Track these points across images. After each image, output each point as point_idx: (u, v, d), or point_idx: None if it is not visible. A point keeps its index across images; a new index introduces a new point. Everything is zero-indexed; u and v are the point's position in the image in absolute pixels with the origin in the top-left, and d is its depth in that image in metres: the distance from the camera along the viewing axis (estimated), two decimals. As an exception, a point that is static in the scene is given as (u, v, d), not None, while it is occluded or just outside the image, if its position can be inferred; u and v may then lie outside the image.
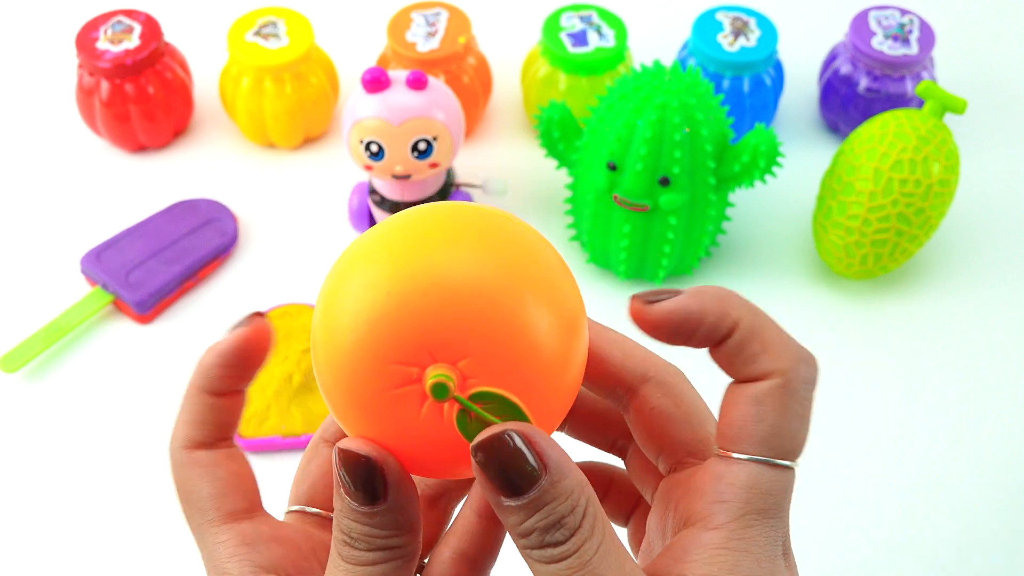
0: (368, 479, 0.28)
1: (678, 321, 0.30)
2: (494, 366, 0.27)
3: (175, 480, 0.33)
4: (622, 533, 0.37)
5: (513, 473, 0.27)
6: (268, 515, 0.33)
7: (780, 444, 0.30)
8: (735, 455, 0.30)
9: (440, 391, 0.27)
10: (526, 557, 0.28)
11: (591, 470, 0.37)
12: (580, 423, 0.36)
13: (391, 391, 0.28)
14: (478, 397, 0.27)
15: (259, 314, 0.33)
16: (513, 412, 0.28)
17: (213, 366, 0.34)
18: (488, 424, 0.27)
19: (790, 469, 0.30)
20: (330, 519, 0.35)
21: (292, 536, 0.33)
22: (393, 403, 0.28)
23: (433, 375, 0.27)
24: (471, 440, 0.27)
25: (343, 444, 0.28)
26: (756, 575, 0.29)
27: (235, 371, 0.33)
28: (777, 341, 0.30)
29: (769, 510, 0.29)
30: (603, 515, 0.28)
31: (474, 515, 0.35)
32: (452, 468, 0.29)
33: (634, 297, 0.31)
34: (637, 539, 0.37)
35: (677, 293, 0.30)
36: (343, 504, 0.29)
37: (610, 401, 0.34)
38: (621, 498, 0.37)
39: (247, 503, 0.33)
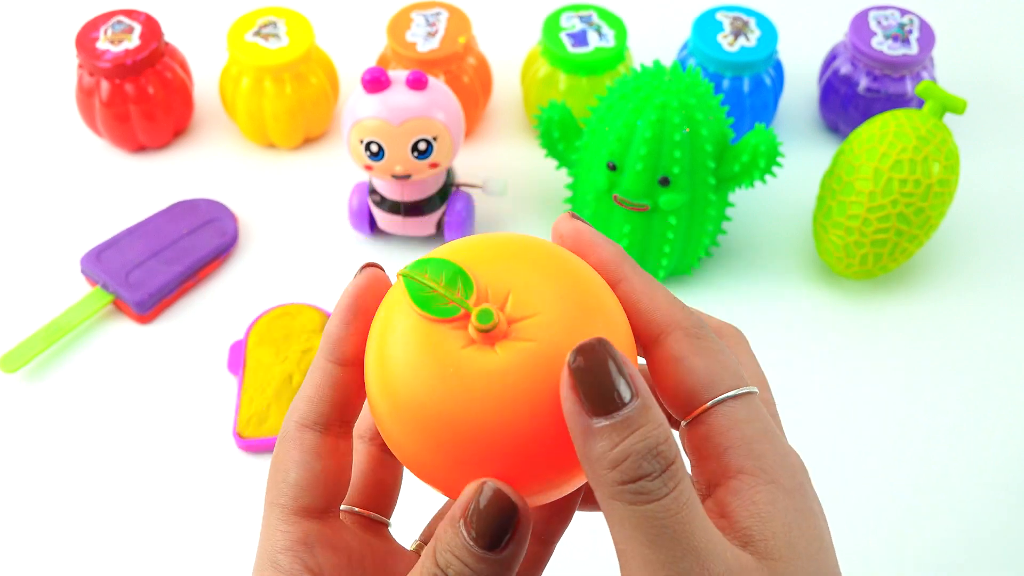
0: (502, 527, 0.27)
1: (579, 239, 0.32)
2: (540, 294, 0.29)
3: (275, 449, 0.32)
4: None
5: (606, 387, 0.26)
6: (338, 519, 0.32)
7: (724, 379, 0.30)
8: (699, 411, 0.30)
9: (485, 316, 0.28)
10: (612, 499, 0.26)
11: None
12: None
13: (442, 339, 0.28)
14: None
15: (371, 264, 0.32)
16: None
17: (336, 327, 0.32)
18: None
19: (753, 394, 0.30)
20: (382, 524, 0.34)
21: (350, 544, 0.32)
22: (437, 340, 0.28)
23: (482, 306, 0.28)
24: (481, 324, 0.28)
25: (496, 484, 0.27)
26: (793, 507, 0.29)
27: (355, 326, 0.32)
28: (665, 299, 0.31)
29: (767, 432, 0.30)
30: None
31: None
32: (487, 430, 0.28)
33: (568, 214, 0.33)
34: None
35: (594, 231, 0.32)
36: (455, 539, 0.27)
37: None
38: None
39: (325, 503, 0.32)
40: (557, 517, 0.36)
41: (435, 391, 0.28)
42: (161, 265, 0.67)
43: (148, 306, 0.66)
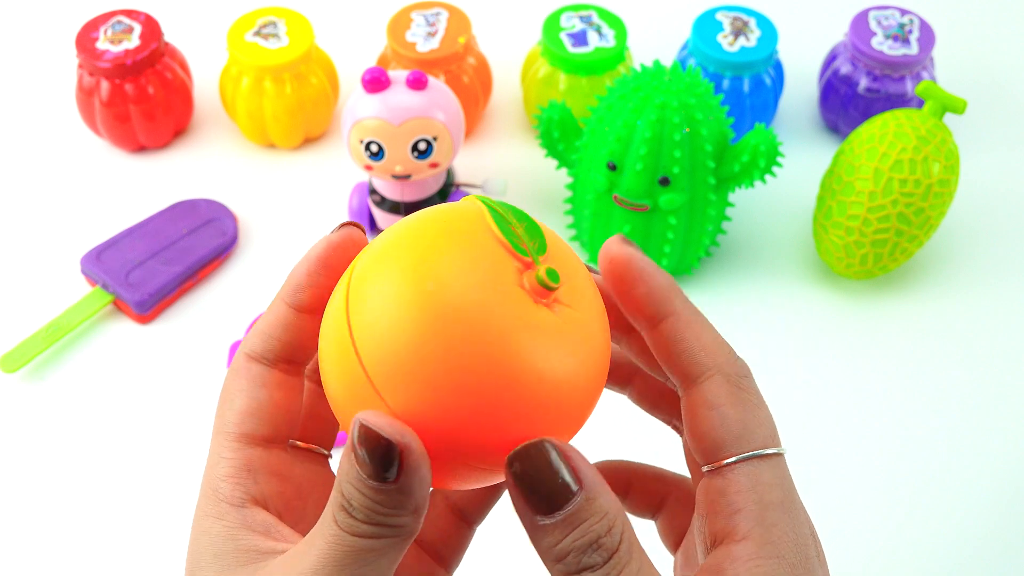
0: (385, 458, 0.27)
1: (629, 267, 0.31)
2: (582, 294, 0.30)
3: (224, 381, 0.32)
4: (650, 529, 0.37)
5: (548, 487, 0.26)
6: (284, 450, 0.32)
7: (755, 436, 0.30)
8: (725, 462, 0.30)
9: (552, 276, 0.28)
10: None
11: (609, 468, 0.37)
12: (648, 394, 0.36)
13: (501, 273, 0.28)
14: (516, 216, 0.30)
15: (352, 223, 0.32)
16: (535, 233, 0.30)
17: (300, 274, 0.32)
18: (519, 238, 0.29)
19: (780, 456, 0.30)
20: (323, 456, 0.34)
21: (299, 475, 0.32)
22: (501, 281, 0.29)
23: (547, 266, 0.29)
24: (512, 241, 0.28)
25: (366, 419, 0.27)
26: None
27: (320, 279, 0.32)
28: (712, 339, 0.31)
29: (783, 501, 0.29)
30: (638, 543, 0.27)
31: None
32: (554, 362, 0.28)
33: (619, 235, 0.32)
34: (668, 535, 0.37)
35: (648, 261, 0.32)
36: (351, 470, 0.27)
37: (671, 385, 0.34)
38: (645, 495, 0.37)
39: (270, 431, 0.32)
40: (479, 498, 0.36)
41: (503, 327, 0.27)
42: (161, 265, 0.67)
43: (148, 306, 0.66)
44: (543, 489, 0.26)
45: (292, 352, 0.32)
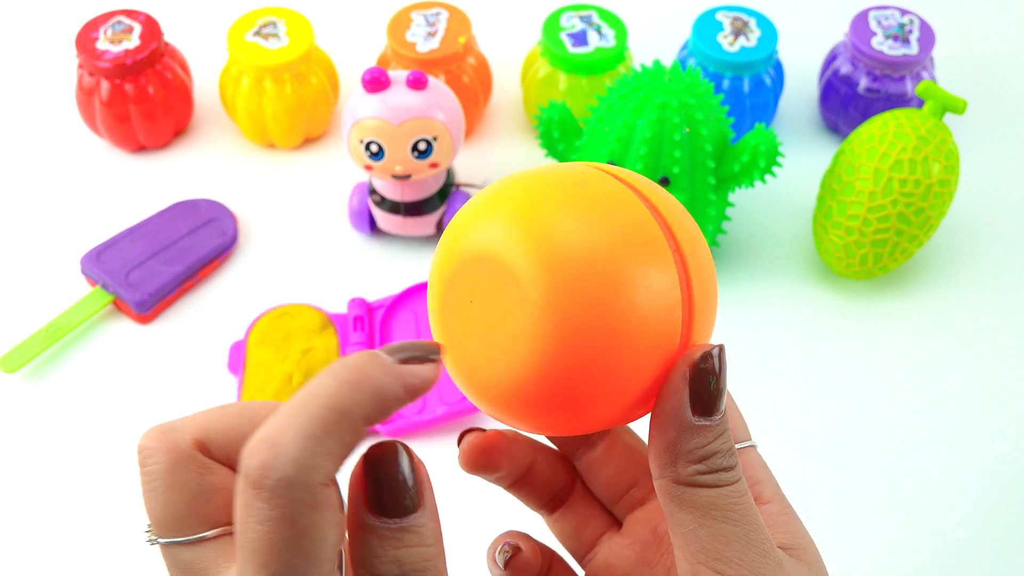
0: (408, 485, 0.27)
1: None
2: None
3: (302, 519, 0.26)
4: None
5: (714, 392, 0.29)
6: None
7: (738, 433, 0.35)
8: (737, 447, 0.34)
9: None
10: (693, 484, 0.30)
11: (515, 438, 0.37)
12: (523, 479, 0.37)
13: None
14: None
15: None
16: None
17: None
18: None
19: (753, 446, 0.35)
20: None
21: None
22: None
23: None
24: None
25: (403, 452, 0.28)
26: (802, 530, 0.33)
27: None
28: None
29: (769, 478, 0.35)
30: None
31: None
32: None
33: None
34: (575, 535, 0.38)
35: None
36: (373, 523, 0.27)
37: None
38: (544, 479, 0.38)
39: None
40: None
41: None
42: (161, 265, 0.67)
43: (148, 306, 0.66)
44: (712, 392, 0.29)
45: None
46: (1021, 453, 0.61)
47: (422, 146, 0.63)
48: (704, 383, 0.29)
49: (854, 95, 0.73)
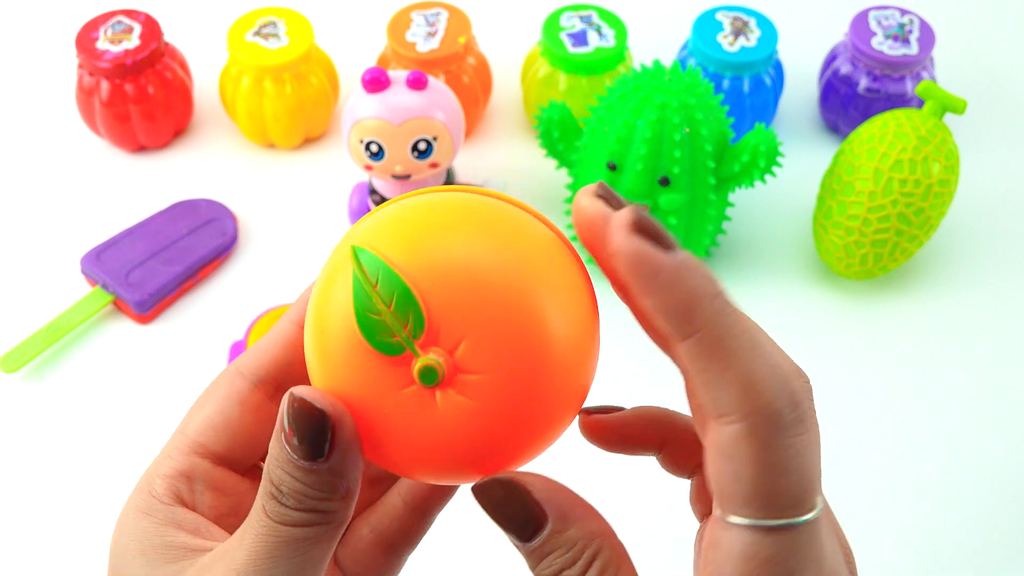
0: (317, 433, 0.26)
1: (637, 270, 0.25)
2: (494, 352, 0.26)
3: (207, 385, 0.32)
4: (684, 489, 0.33)
5: (513, 520, 0.27)
6: (236, 472, 0.32)
7: (769, 503, 0.25)
8: (729, 519, 0.26)
9: (428, 375, 0.26)
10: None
11: (644, 418, 0.32)
12: (680, 459, 0.32)
13: (378, 372, 0.26)
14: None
15: None
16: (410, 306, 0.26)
17: (306, 292, 0.31)
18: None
19: (797, 527, 0.25)
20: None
21: (243, 493, 0.32)
22: (376, 372, 0.26)
23: (428, 358, 0.26)
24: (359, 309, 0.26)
25: (299, 392, 0.26)
26: None
27: None
28: (745, 372, 0.25)
29: None
30: (620, 567, 0.27)
31: (401, 502, 0.33)
32: (440, 466, 0.28)
33: (631, 209, 0.25)
34: (698, 500, 0.32)
35: (664, 239, 0.25)
36: (281, 453, 0.27)
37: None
38: (681, 452, 0.32)
39: (226, 450, 0.31)
40: (438, 490, 0.35)
41: (363, 425, 0.27)
42: (161, 265, 0.67)
43: (148, 306, 0.66)
44: (509, 521, 0.27)
45: (282, 374, 0.31)
46: (1022, 454, 0.61)
47: (422, 146, 0.63)
48: (496, 515, 0.27)
49: (854, 95, 0.73)
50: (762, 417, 0.25)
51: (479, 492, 0.27)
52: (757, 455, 0.25)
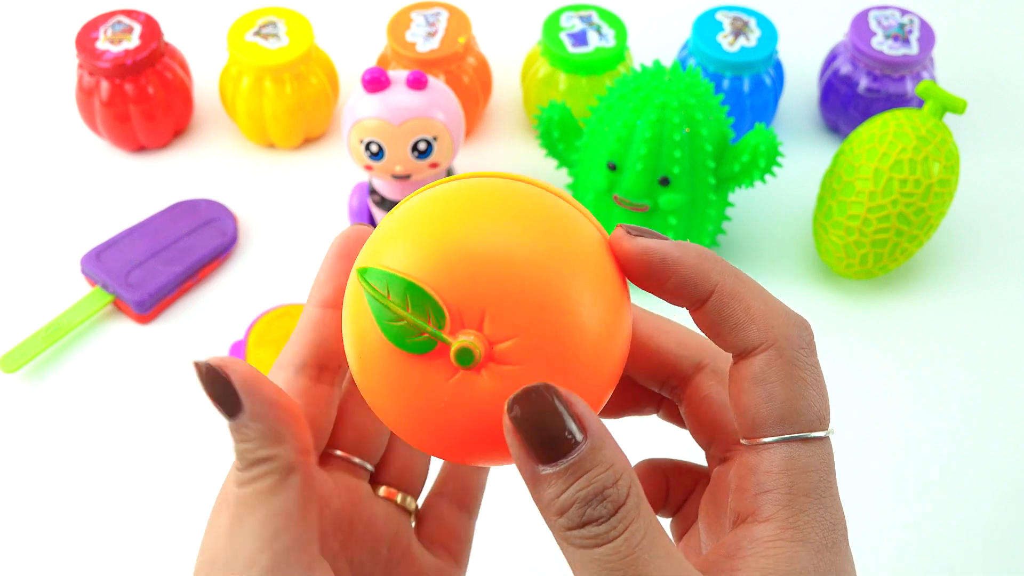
0: (224, 389, 0.28)
1: (652, 262, 0.28)
2: (518, 316, 0.26)
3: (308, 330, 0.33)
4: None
5: (550, 434, 0.25)
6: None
7: (800, 418, 0.28)
8: (763, 440, 0.28)
9: (465, 357, 0.26)
10: (564, 543, 0.25)
11: (649, 469, 0.35)
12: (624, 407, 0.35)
13: (424, 372, 0.27)
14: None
15: (361, 224, 0.33)
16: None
17: (321, 272, 0.33)
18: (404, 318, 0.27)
19: (824, 439, 0.28)
20: (362, 469, 0.35)
21: (325, 488, 0.32)
22: (420, 373, 0.27)
23: (460, 340, 0.26)
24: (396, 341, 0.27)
25: (196, 361, 0.29)
26: (815, 567, 0.27)
27: (341, 266, 0.33)
28: (763, 308, 0.28)
29: (817, 488, 0.28)
30: (647, 501, 0.26)
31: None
32: (480, 448, 0.28)
33: (620, 225, 0.29)
34: (675, 527, 0.35)
35: (664, 238, 0.29)
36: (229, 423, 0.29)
37: (664, 393, 0.33)
38: (679, 492, 0.35)
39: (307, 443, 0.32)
40: (471, 486, 0.37)
41: (424, 426, 0.28)
42: (161, 265, 0.67)
43: (148, 306, 0.66)
44: (545, 436, 0.25)
45: (322, 355, 0.32)
46: (1022, 454, 0.61)
47: (422, 146, 0.63)
48: (527, 430, 0.25)
49: (854, 95, 0.73)
50: (787, 340, 0.28)
51: (520, 401, 0.25)
52: (788, 373, 0.28)
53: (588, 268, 0.27)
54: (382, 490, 0.35)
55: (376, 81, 0.62)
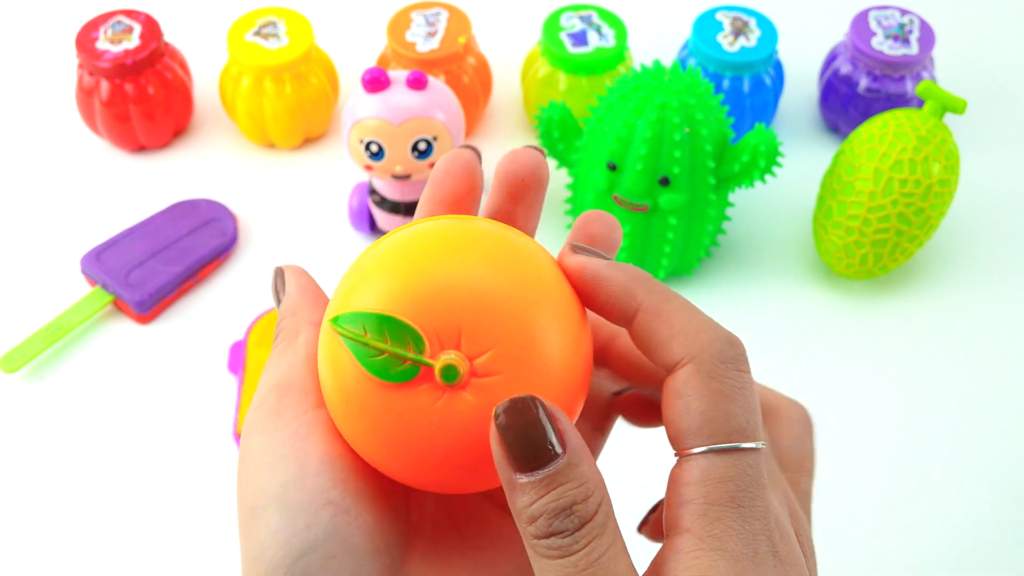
0: (276, 281, 0.32)
1: (584, 278, 0.30)
2: (492, 329, 0.27)
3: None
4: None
5: (532, 444, 0.26)
6: None
7: (718, 429, 0.28)
8: (688, 452, 0.28)
9: (450, 373, 0.27)
10: (531, 550, 0.27)
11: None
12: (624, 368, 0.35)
13: (411, 401, 0.27)
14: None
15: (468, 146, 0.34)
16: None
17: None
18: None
19: (748, 451, 0.28)
20: None
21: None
22: (407, 402, 0.28)
23: (442, 359, 0.27)
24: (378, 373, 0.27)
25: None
26: (718, 566, 0.27)
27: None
28: (687, 326, 0.29)
29: (734, 498, 0.28)
30: (615, 520, 0.27)
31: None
32: (473, 469, 0.28)
33: (568, 242, 0.31)
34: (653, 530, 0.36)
35: (603, 257, 0.30)
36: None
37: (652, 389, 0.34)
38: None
39: None
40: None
41: (415, 456, 0.28)
42: (161, 265, 0.67)
43: (148, 306, 0.66)
44: (527, 445, 0.26)
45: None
46: (1022, 454, 0.61)
47: (422, 146, 0.63)
48: (511, 438, 0.26)
49: (854, 95, 0.73)
50: (707, 354, 0.29)
51: (508, 411, 0.26)
52: (705, 385, 0.28)
53: (547, 283, 0.29)
54: None
55: (376, 81, 0.62)
